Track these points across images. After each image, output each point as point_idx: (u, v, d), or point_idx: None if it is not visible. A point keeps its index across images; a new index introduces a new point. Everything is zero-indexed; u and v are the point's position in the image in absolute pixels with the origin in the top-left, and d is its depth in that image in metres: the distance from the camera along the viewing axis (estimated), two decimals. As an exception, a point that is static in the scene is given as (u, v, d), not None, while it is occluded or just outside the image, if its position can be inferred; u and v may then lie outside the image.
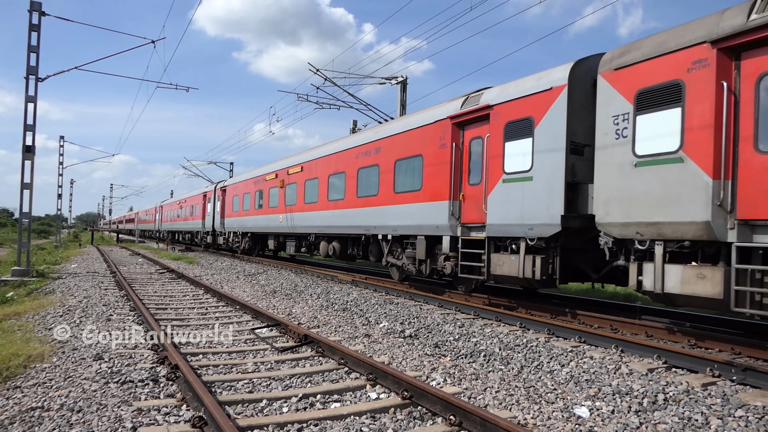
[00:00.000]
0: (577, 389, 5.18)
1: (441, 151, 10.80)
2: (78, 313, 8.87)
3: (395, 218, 12.37)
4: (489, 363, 6.19)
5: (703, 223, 6.15)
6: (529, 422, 4.36)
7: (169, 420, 4.18)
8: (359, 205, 13.96)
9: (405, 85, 20.24)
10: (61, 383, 5.08)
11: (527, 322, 8.39)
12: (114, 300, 10.48)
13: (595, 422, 4.32)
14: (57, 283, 13.44)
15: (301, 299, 11.32)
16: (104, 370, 5.53)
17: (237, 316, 9.15)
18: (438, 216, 10.71)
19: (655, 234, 6.74)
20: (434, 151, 11.02)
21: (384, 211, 12.80)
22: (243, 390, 5.02)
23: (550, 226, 8.19)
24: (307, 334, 6.95)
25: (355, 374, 5.58)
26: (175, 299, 11.12)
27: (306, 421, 4.19)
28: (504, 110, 9.31)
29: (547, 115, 8.50)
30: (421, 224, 11.34)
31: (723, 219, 6.05)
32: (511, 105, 9.17)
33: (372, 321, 8.80)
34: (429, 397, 4.51)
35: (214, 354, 6.45)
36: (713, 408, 4.60)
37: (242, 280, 15.35)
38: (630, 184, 7.04)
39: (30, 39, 15.16)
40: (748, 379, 5.35)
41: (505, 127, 9.24)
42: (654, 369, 5.82)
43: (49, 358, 5.99)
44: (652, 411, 4.55)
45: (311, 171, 17.25)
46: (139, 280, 14.45)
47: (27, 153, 15.18)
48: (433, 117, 11.18)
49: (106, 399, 4.62)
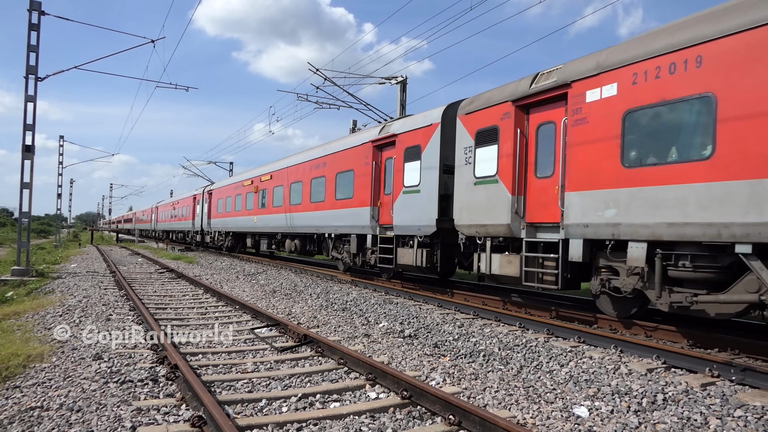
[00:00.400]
0: (577, 389, 5.18)
1: (366, 168, 13.72)
2: (78, 312, 8.88)
3: (336, 220, 15.32)
4: (488, 363, 6.19)
5: (506, 225, 8.91)
6: (529, 422, 4.36)
7: (168, 419, 4.18)
8: (312, 209, 17.04)
9: (405, 85, 20.23)
10: (60, 383, 5.08)
11: (526, 322, 8.40)
12: (113, 300, 10.48)
13: (594, 422, 4.33)
14: (56, 283, 13.44)
15: (301, 299, 11.32)
16: (104, 369, 5.54)
17: (237, 316, 9.15)
18: (364, 219, 13.64)
19: (484, 232, 9.52)
20: (362, 167, 13.96)
21: (329, 214, 15.83)
22: (242, 390, 5.02)
23: (431, 227, 11.07)
24: (307, 333, 6.95)
25: (354, 374, 5.58)
26: (174, 299, 11.12)
27: (305, 421, 4.20)
28: (404, 138, 12.23)
29: (429, 144, 11.40)
30: (353, 225, 14.26)
31: (518, 222, 8.86)
32: (408, 135, 12.11)
33: (371, 321, 8.80)
34: (428, 396, 4.52)
35: (214, 354, 6.45)
36: (712, 408, 4.61)
37: (242, 279, 15.36)
38: (472, 197, 9.83)
39: (29, 38, 15.16)
40: (747, 380, 5.35)
41: (405, 151, 12.11)
42: (653, 369, 5.82)
43: (49, 358, 5.99)
44: (651, 411, 4.56)
45: (278, 179, 20.21)
46: (138, 280, 14.46)
47: (26, 153, 15.17)
48: (361, 140, 14.29)
49: (106, 399, 4.62)
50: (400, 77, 20.16)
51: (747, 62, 5.83)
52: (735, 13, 6.05)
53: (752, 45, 5.80)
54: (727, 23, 6.06)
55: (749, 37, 5.82)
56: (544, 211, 8.51)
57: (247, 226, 23.63)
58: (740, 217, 5.72)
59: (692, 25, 6.49)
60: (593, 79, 7.52)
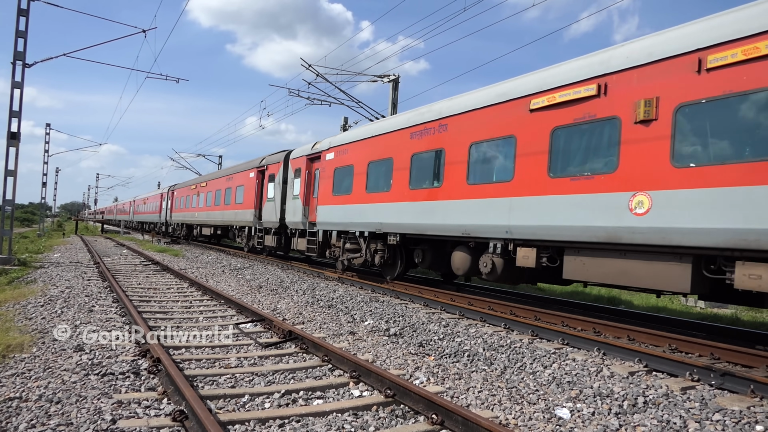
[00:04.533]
0: (559, 390, 5.22)
1: (252, 182, 21.29)
2: (60, 303, 8.76)
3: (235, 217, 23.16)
4: (473, 363, 6.22)
5: (301, 222, 16.45)
6: (511, 422, 4.38)
7: (149, 413, 4.15)
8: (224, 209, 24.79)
9: (397, 83, 20.21)
10: (40, 374, 5.02)
11: (511, 323, 8.44)
12: (97, 291, 10.37)
13: (575, 423, 4.36)
14: (39, 273, 13.26)
15: (287, 295, 11.28)
16: (85, 361, 5.47)
17: (221, 311, 9.09)
18: (249, 217, 21.22)
19: (294, 226, 17.27)
20: (250, 182, 21.42)
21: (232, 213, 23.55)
22: (225, 385, 4.99)
23: (276, 223, 18.39)
24: (292, 330, 6.93)
25: (338, 371, 5.57)
26: (159, 292, 11.02)
27: (288, 417, 4.18)
28: (270, 167, 19.80)
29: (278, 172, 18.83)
30: (244, 221, 21.84)
31: (305, 221, 16.19)
32: (271, 166, 19.70)
33: (357, 318, 8.79)
34: (412, 395, 4.52)
35: (197, 348, 6.40)
36: (691, 412, 4.66)
37: (228, 274, 15.27)
38: (291, 206, 17.37)
39: (18, 24, 14.92)
40: (726, 384, 5.42)
41: (269, 176, 19.72)
42: (635, 372, 5.88)
43: (29, 349, 5.91)
44: (631, 413, 4.60)
45: (210, 186, 28.01)
46: (122, 272, 14.31)
47: (12, 140, 14.94)
48: (251, 166, 21.96)
49: (86, 391, 4.56)
50: (393, 76, 20.13)
51: None
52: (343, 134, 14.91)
53: None
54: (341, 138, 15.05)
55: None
56: (313, 215, 15.80)
57: (193, 219, 31.44)
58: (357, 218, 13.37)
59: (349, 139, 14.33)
60: (326, 151, 15.29)
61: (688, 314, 11.45)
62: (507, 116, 8.83)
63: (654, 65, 6.73)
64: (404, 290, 11.74)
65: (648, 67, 6.80)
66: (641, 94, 6.80)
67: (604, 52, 7.57)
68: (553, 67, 8.43)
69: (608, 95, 7.22)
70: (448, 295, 11.09)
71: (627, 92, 6.99)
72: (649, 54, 6.81)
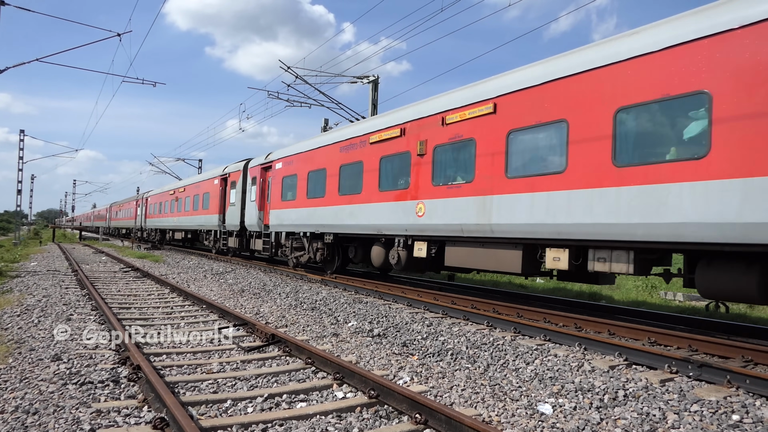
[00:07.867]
0: (541, 386, 5.27)
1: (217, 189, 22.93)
2: (37, 312, 8.59)
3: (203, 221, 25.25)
4: (456, 361, 6.25)
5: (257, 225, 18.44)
6: (494, 419, 4.41)
7: (129, 422, 4.08)
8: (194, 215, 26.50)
9: (376, 84, 20.22)
10: (16, 384, 4.91)
11: (494, 320, 8.50)
12: (75, 299, 10.18)
13: (557, 419, 4.41)
14: (15, 282, 12.98)
15: (270, 298, 11.21)
16: (62, 371, 5.37)
17: (203, 316, 9.00)
18: (214, 221, 23.02)
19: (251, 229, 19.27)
20: (216, 189, 23.01)
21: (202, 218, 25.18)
22: (207, 390, 4.94)
23: (237, 226, 20.32)
24: (275, 333, 6.88)
25: (322, 373, 5.55)
26: (139, 298, 10.87)
27: (271, 421, 4.15)
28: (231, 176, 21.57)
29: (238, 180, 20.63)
30: (210, 224, 23.86)
31: (261, 224, 18.31)
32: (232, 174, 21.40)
33: (341, 320, 8.77)
34: (395, 395, 4.52)
35: (179, 354, 6.32)
36: (670, 403, 4.75)
37: (209, 279, 15.11)
38: (248, 210, 19.30)
39: (-12, 28, 14.59)
40: (704, 375, 5.53)
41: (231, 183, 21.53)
42: (615, 366, 5.97)
43: (5, 359, 5.78)
44: (612, 407, 4.67)
45: (180, 193, 29.50)
46: (102, 279, 14.07)
47: (-16, 146, 14.61)
48: (215, 174, 23.86)
49: (64, 401, 4.48)
50: (372, 77, 20.14)
51: None
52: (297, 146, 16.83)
53: None
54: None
55: None
56: (267, 219, 17.75)
57: (166, 224, 32.78)
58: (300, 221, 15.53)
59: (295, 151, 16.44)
60: (276, 161, 17.35)
61: (667, 308, 11.64)
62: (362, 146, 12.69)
63: (423, 119, 10.54)
64: (388, 291, 11.76)
65: (421, 120, 10.61)
66: (420, 137, 10.59)
67: (404, 110, 11.49)
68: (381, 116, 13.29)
69: (405, 136, 11.08)
70: (431, 294, 11.14)
71: (414, 135, 10.81)
72: (418, 112, 10.76)
